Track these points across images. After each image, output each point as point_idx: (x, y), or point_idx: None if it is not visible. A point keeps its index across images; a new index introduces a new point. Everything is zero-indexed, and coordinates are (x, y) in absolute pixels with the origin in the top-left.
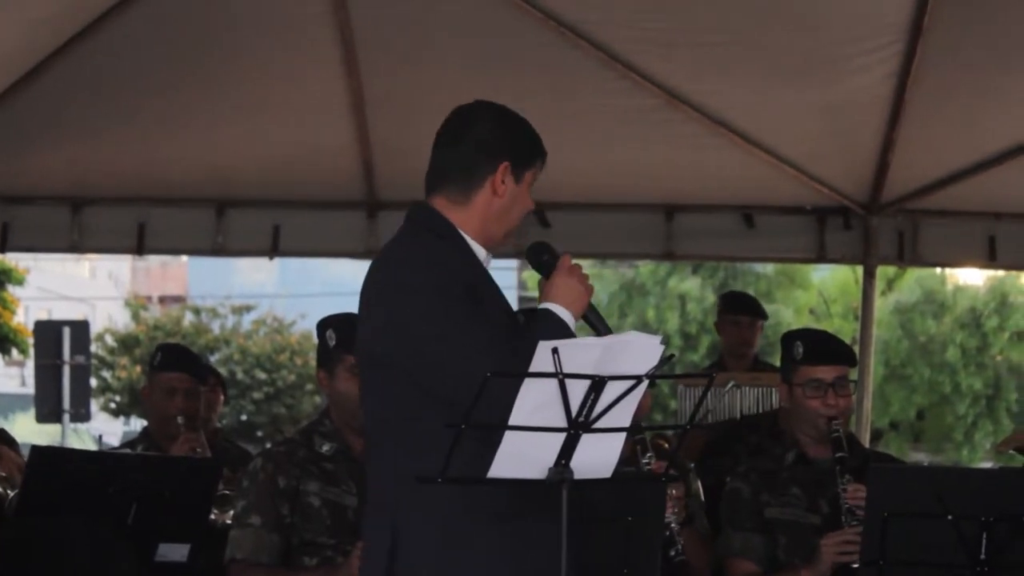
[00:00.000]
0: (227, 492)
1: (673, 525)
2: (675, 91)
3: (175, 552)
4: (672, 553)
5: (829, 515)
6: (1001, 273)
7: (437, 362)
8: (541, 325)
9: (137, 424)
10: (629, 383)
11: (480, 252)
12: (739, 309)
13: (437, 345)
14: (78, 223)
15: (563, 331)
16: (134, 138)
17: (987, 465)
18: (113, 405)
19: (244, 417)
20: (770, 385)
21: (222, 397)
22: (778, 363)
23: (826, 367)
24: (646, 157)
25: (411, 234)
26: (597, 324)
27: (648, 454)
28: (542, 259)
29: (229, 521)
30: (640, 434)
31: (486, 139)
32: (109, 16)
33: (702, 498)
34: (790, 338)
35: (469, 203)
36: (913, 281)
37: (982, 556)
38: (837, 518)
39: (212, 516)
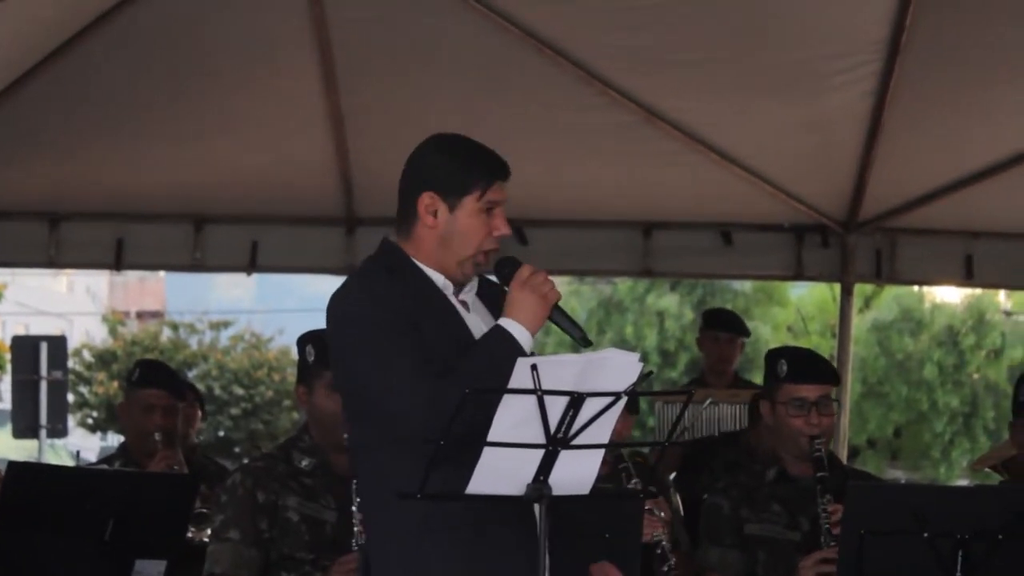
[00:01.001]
0: (204, 510)
1: (664, 543)
2: (653, 108)
3: (152, 568)
4: (665, 569)
5: (809, 533)
6: (978, 291)
7: (366, 393)
8: (480, 347)
9: (114, 440)
10: (608, 400)
11: (439, 280)
12: (719, 326)
13: (365, 377)
14: (56, 238)
15: (505, 349)
16: (112, 153)
17: (964, 482)
18: (91, 421)
19: (221, 433)
20: (749, 402)
21: (200, 413)
22: (757, 380)
23: (810, 386)
24: (624, 174)
25: (365, 267)
26: (568, 328)
27: (634, 480)
28: (505, 273)
29: (206, 539)
30: (619, 451)
31: (414, 170)
32: (87, 32)
33: (681, 512)
34: (774, 356)
35: (411, 235)
36: (890, 299)
37: (958, 574)
38: (817, 536)
39: (189, 534)
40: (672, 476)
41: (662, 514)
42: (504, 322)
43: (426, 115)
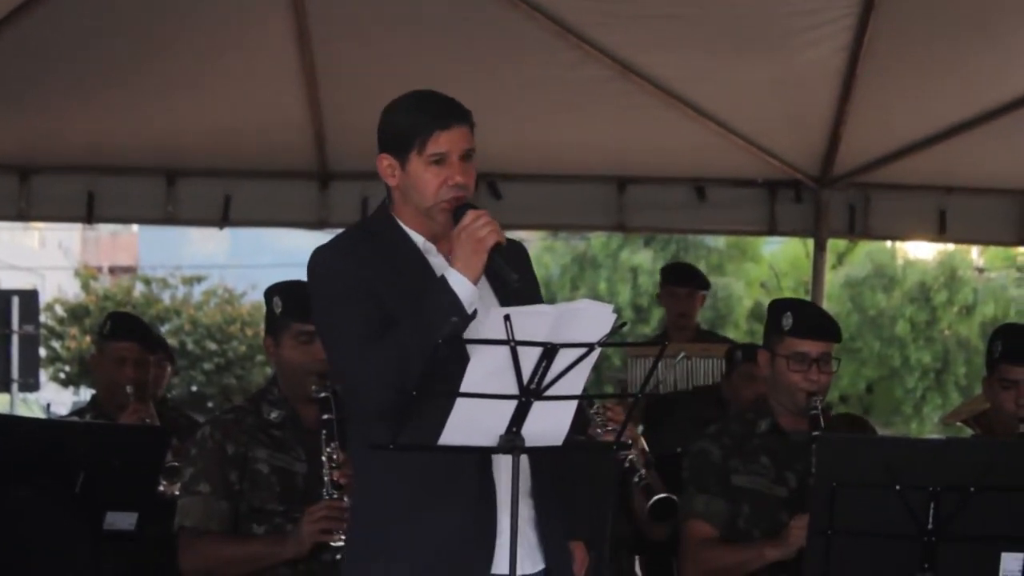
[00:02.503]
0: (175, 464)
1: (632, 457)
2: (628, 63)
3: (123, 520)
4: (636, 479)
5: (796, 489)
6: (950, 248)
7: (327, 348)
8: (421, 299)
9: (86, 394)
10: (581, 351)
11: (419, 240)
12: (677, 280)
13: (326, 334)
14: (26, 191)
15: (438, 300)
16: (84, 106)
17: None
18: (63, 375)
19: (194, 388)
20: (719, 356)
21: (170, 370)
22: (729, 334)
23: (813, 342)
24: (598, 129)
25: (349, 227)
26: (501, 271)
27: (606, 426)
28: (456, 220)
29: (178, 492)
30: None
31: (377, 134)
32: None
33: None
34: (779, 307)
35: (390, 197)
36: (863, 255)
37: (929, 526)
38: (803, 493)
39: (161, 488)
40: (640, 429)
41: (630, 442)
42: (446, 272)
43: (399, 70)
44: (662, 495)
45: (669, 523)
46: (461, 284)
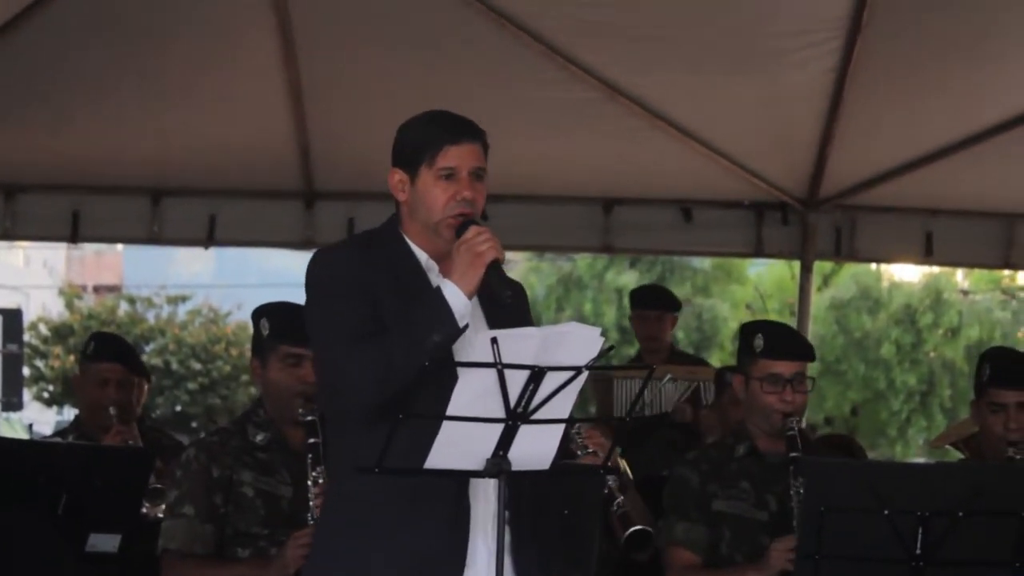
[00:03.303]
0: (159, 486)
1: (611, 483)
2: (614, 84)
3: (106, 542)
4: (614, 508)
5: (777, 513)
6: (936, 270)
7: (316, 345)
8: (416, 309)
9: (70, 414)
10: (568, 374)
11: (422, 257)
12: (646, 304)
13: (317, 329)
14: (11, 210)
15: (430, 311)
16: (69, 125)
17: (921, 460)
18: (46, 395)
19: (178, 408)
20: (707, 379)
21: (146, 387)
22: (715, 356)
23: (786, 362)
24: (585, 150)
25: (354, 235)
26: (496, 287)
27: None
28: (458, 235)
29: (161, 515)
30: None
31: (392, 151)
32: (42, 3)
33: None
34: (750, 330)
35: (399, 212)
36: (849, 278)
37: (918, 551)
38: (784, 516)
39: (144, 509)
40: (619, 451)
41: (620, 468)
42: (441, 283)
43: (386, 90)
44: (637, 527)
45: (647, 552)
46: (455, 296)
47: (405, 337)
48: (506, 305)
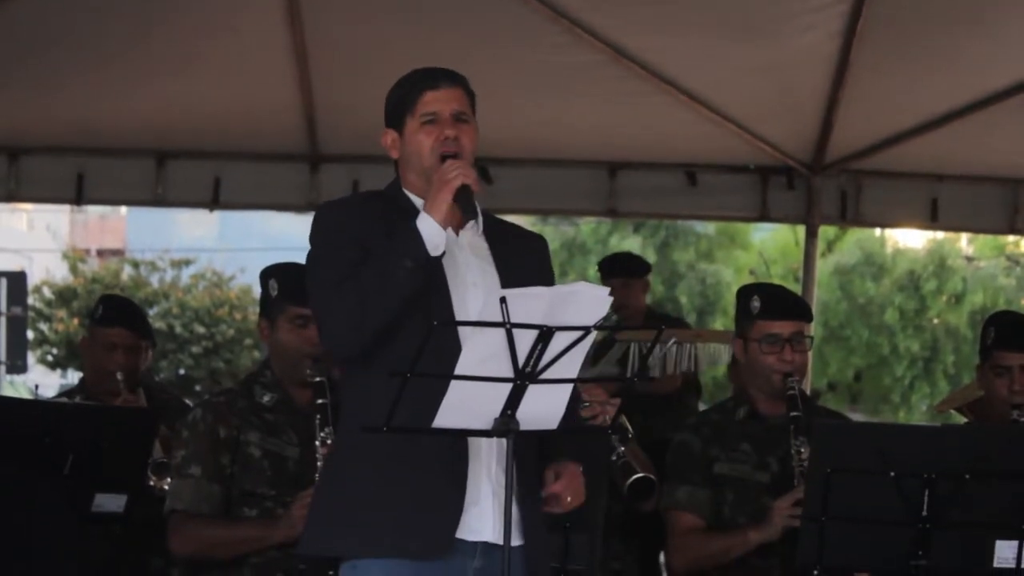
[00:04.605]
0: (164, 460)
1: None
2: (620, 47)
3: (112, 503)
4: (615, 458)
5: (778, 474)
6: (940, 236)
7: (311, 299)
8: (390, 242)
9: (74, 377)
10: (576, 334)
11: (419, 204)
12: (611, 273)
13: (309, 281)
14: (15, 172)
15: (402, 243)
16: (73, 87)
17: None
18: (50, 358)
19: (182, 371)
20: (716, 342)
21: (151, 352)
22: (718, 323)
23: (783, 322)
24: (590, 113)
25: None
26: (464, 208)
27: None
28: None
29: (167, 487)
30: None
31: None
32: None
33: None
34: (746, 292)
35: (398, 173)
36: (853, 243)
37: (924, 513)
38: (786, 477)
39: (151, 483)
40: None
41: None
42: (421, 217)
43: (390, 52)
44: (639, 475)
45: (651, 501)
46: (426, 223)
47: (378, 269)
48: (520, 261)
